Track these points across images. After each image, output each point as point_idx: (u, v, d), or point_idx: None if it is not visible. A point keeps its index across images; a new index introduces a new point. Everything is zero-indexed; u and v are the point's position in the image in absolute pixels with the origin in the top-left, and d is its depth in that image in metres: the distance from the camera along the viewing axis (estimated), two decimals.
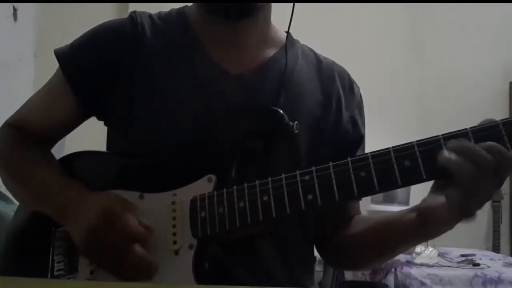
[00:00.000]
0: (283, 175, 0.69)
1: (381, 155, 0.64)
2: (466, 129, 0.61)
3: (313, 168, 0.68)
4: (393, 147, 0.64)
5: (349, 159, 0.66)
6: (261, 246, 0.85)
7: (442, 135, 0.62)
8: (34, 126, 0.94)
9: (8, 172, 0.92)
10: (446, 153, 0.61)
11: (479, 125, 0.62)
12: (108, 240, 0.72)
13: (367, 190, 0.65)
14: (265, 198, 0.69)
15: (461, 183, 0.61)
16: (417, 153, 0.62)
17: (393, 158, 0.63)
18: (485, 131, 0.60)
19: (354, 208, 0.96)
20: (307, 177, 0.68)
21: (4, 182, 0.93)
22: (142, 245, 0.73)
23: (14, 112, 0.98)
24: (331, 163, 0.67)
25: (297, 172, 0.69)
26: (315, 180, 0.67)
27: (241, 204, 0.71)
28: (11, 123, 0.96)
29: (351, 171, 0.65)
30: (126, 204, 0.76)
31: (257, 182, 0.71)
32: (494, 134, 0.60)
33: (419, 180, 0.63)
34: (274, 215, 0.68)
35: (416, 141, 0.63)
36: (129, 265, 0.72)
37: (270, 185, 0.70)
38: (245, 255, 0.83)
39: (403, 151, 0.63)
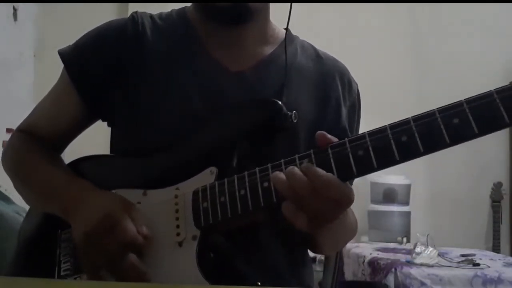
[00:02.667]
0: (282, 160, 0.70)
1: (378, 133, 0.65)
2: (461, 100, 0.62)
3: (311, 151, 0.69)
4: (389, 124, 0.65)
5: (346, 139, 0.67)
6: (264, 235, 0.85)
7: (438, 108, 0.63)
8: (43, 131, 0.95)
9: (17, 176, 0.94)
10: (275, 173, 0.67)
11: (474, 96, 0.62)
12: (104, 246, 0.72)
13: (366, 168, 0.65)
14: (265, 184, 0.70)
15: (290, 199, 0.66)
16: (413, 127, 0.63)
17: (390, 134, 0.64)
18: (479, 101, 0.61)
19: None
20: (305, 161, 0.68)
21: (16, 187, 0.94)
22: (138, 254, 0.73)
23: (25, 118, 0.99)
24: (329, 145, 0.68)
25: (296, 156, 0.69)
26: (314, 162, 0.67)
27: (242, 192, 0.71)
28: (21, 129, 0.98)
29: (349, 150, 0.66)
30: (128, 209, 0.76)
31: (257, 169, 0.71)
32: (488, 104, 0.60)
33: (417, 155, 0.63)
34: (275, 200, 0.69)
35: (412, 116, 0.64)
36: (122, 272, 0.72)
37: (270, 171, 0.70)
38: (248, 245, 0.83)
39: (400, 127, 0.64)
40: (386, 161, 0.64)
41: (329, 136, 0.68)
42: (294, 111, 0.78)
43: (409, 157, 0.63)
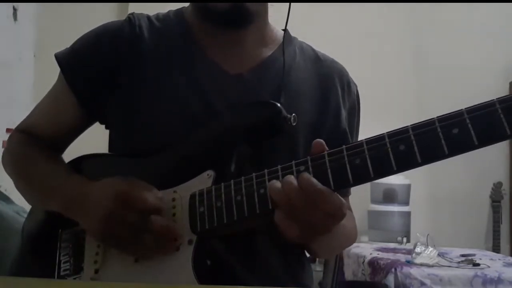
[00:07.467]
0: (279, 167, 0.69)
1: (376, 141, 0.64)
2: (461, 110, 0.60)
3: (308, 157, 0.68)
4: (387, 132, 0.64)
5: (344, 147, 0.66)
6: (260, 241, 0.85)
7: (438, 117, 0.61)
8: (42, 132, 0.96)
9: (18, 176, 0.94)
10: (272, 182, 0.67)
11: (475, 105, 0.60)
12: (128, 220, 0.72)
13: (362, 177, 0.64)
14: (262, 190, 0.69)
15: (283, 208, 0.66)
16: (412, 136, 0.62)
17: (388, 143, 0.63)
18: (480, 111, 0.59)
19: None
20: (302, 168, 0.67)
21: (17, 187, 0.94)
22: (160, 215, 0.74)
23: (24, 119, 1.00)
24: (326, 152, 0.67)
25: (293, 162, 0.69)
26: (310, 170, 0.66)
27: (238, 198, 0.71)
28: (20, 129, 0.98)
29: (346, 158, 0.65)
30: (130, 181, 0.76)
31: (253, 174, 0.71)
32: (489, 114, 0.58)
33: (415, 165, 0.62)
34: (270, 207, 0.68)
35: (411, 125, 0.62)
36: (154, 238, 0.72)
37: (266, 177, 0.69)
38: (245, 250, 0.83)
39: (398, 136, 0.63)
40: (383, 171, 0.63)
41: (325, 146, 0.68)
42: (293, 114, 0.78)
43: (407, 167, 0.62)
